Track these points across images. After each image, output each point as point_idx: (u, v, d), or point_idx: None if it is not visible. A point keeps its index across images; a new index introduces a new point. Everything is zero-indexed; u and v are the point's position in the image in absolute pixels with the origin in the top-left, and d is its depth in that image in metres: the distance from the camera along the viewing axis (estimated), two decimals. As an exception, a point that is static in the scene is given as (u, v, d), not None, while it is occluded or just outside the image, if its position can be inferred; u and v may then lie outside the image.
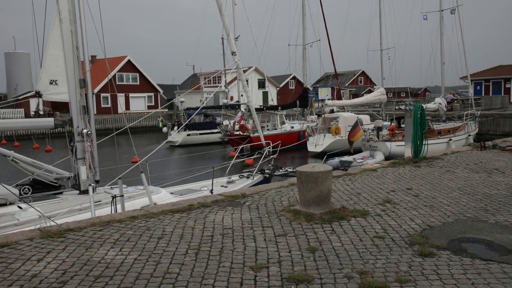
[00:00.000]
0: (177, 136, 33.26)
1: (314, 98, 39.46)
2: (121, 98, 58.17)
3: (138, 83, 60.12)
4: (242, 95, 63.08)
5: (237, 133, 28.60)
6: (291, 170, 12.15)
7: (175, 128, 33.44)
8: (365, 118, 29.75)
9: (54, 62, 8.20)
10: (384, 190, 7.31)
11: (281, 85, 68.25)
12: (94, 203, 7.67)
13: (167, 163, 22.16)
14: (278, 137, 29.43)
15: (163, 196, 8.97)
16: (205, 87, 62.58)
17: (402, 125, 26.61)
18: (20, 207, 7.03)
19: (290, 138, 29.42)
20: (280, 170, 11.93)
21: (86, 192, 8.27)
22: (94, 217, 5.63)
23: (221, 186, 10.60)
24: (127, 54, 58.98)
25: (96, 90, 55.41)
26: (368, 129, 23.87)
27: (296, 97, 34.45)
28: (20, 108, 49.38)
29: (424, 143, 10.11)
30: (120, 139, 42.55)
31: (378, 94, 29.63)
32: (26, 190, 8.15)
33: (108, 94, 56.87)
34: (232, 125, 29.80)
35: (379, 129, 22.97)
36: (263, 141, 12.28)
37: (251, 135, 28.09)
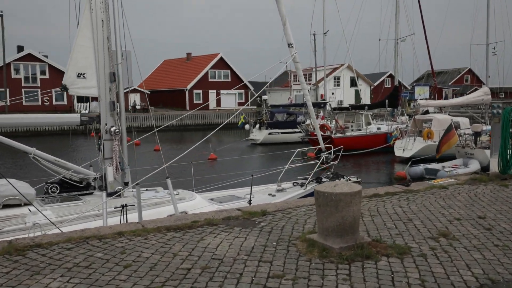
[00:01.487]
0: (258, 134, 32.72)
1: (406, 98, 36.49)
2: (212, 94, 59.48)
3: (229, 80, 60.94)
4: (333, 93, 61.17)
5: (318, 133, 27.17)
6: (354, 179, 10.67)
7: (257, 126, 32.92)
8: (464, 121, 26.58)
9: (82, 54, 7.78)
10: (447, 217, 5.71)
11: (375, 84, 64.83)
12: (117, 208, 7.09)
13: (239, 162, 21.56)
14: (362, 139, 27.62)
15: (197, 203, 8.16)
16: (294, 84, 61.67)
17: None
18: (30, 210, 6.65)
19: (376, 140, 27.35)
20: (341, 179, 10.51)
21: (113, 194, 7.74)
22: (75, 231, 4.92)
23: (269, 194, 9.53)
24: (220, 51, 59.91)
25: (189, 87, 57.21)
26: (465, 133, 21.07)
27: (386, 96, 32.01)
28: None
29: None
30: (200, 135, 43.28)
31: (480, 94, 26.28)
32: (54, 189, 7.85)
33: (200, 91, 58.43)
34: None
35: (477, 134, 20.14)
36: (322, 145, 10.95)
37: (333, 135, 26.54)
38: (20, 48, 49.56)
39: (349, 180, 10.61)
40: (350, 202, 4.40)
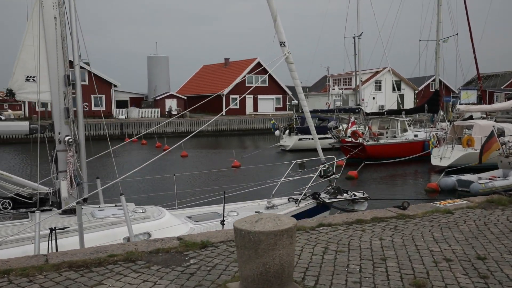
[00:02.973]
0: (289, 140, 31.57)
1: (449, 102, 34.12)
2: (249, 100, 58.84)
3: (267, 84, 60.09)
4: (373, 98, 58.88)
5: (349, 140, 25.68)
6: (360, 195, 9.36)
7: (287, 132, 31.78)
8: (510, 128, 24.29)
9: (31, 55, 7.02)
10: (435, 256, 4.45)
11: (420, 88, 61.85)
12: (63, 229, 6.27)
13: (257, 170, 20.50)
14: (396, 147, 25.78)
15: (165, 223, 7.21)
16: (339, 89, 59.92)
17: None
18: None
19: (412, 148, 25.46)
20: (343, 195, 9.24)
21: (69, 212, 6.93)
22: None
23: (256, 212, 8.44)
24: (257, 56, 59.24)
25: (225, 92, 56.86)
26: (509, 141, 18.98)
27: (426, 100, 29.94)
28: (157, 107, 53.00)
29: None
30: (235, 140, 42.52)
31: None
32: (6, 205, 7.15)
33: (237, 96, 57.91)
34: (344, 131, 26.93)
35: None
36: (322, 156, 9.70)
37: (365, 143, 24.95)
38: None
39: (354, 195, 9.33)
40: (275, 244, 3.29)
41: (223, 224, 7.03)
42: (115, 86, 51.55)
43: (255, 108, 58.85)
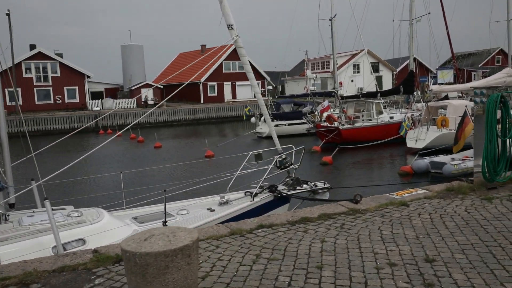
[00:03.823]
0: (264, 127, 30.95)
1: (425, 83, 33.86)
2: (227, 86, 57.99)
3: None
4: (352, 81, 58.52)
5: (324, 124, 25.20)
6: (321, 185, 8.83)
7: (262, 118, 31.16)
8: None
9: None
10: (378, 261, 3.93)
11: (398, 69, 61.67)
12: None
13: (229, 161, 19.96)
14: (372, 129, 25.41)
15: (103, 226, 6.59)
16: (312, 73, 59.35)
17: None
18: None
19: (388, 130, 25.11)
20: (303, 186, 8.70)
21: (-6, 219, 6.25)
22: None
23: (208, 209, 7.87)
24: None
25: (203, 79, 55.86)
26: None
27: (400, 81, 29.58)
28: (132, 97, 51.84)
29: (508, 155, 6.13)
30: (214, 129, 41.73)
31: (502, 76, 23.59)
32: None
33: (214, 83, 57.01)
34: (318, 116, 26.44)
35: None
36: (278, 146, 9.12)
37: (340, 127, 24.51)
38: (32, 47, 49.29)
39: (315, 186, 8.80)
40: (166, 267, 2.71)
41: (165, 225, 6.44)
42: (88, 77, 50.19)
43: (234, 95, 58.06)
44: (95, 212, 6.97)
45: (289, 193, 8.43)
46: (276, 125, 30.68)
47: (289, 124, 30.64)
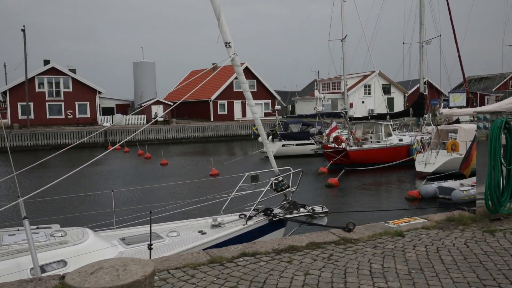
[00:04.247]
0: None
1: (436, 105, 33.40)
2: (237, 105, 58.07)
3: (255, 89, 59.32)
4: (363, 102, 58.19)
5: (332, 145, 24.87)
6: (319, 210, 8.48)
7: (270, 137, 30.93)
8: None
9: None
10: (363, 298, 3.59)
11: (410, 91, 61.27)
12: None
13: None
14: (381, 152, 24.99)
15: (86, 247, 6.32)
16: (323, 93, 59.22)
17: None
18: None
19: (397, 153, 24.68)
20: (300, 210, 8.37)
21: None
22: None
23: (199, 231, 7.57)
24: (245, 60, 58.51)
25: (213, 97, 56.06)
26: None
27: (411, 104, 29.22)
28: (143, 114, 52.13)
29: (513, 187, 5.76)
30: (223, 147, 41.50)
31: (515, 101, 23.16)
32: None
33: (225, 101, 57.15)
34: (326, 136, 26.13)
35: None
36: (275, 168, 8.81)
37: (348, 148, 24.14)
38: (46, 62, 50.04)
39: (313, 210, 8.46)
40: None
41: (150, 249, 6.16)
42: (99, 92, 50.68)
43: (244, 114, 58.06)
44: (80, 232, 6.71)
45: (285, 217, 8.10)
46: (283, 145, 30.49)
47: (297, 144, 30.35)
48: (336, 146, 24.50)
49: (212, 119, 55.90)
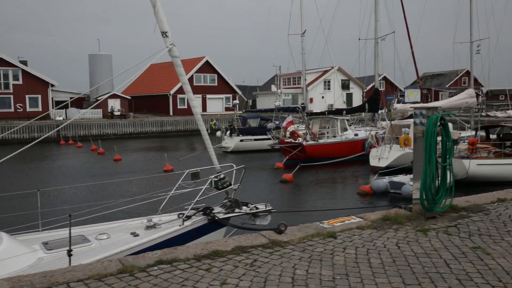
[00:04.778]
0: (230, 141, 30.37)
1: (392, 101, 33.98)
2: (197, 99, 57.20)
3: (216, 84, 58.69)
4: (323, 97, 58.68)
5: (289, 140, 24.76)
6: (263, 208, 8.18)
7: (228, 132, 30.57)
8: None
9: None
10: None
11: (368, 87, 62.27)
12: None
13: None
14: (336, 146, 25.11)
15: (0, 254, 5.76)
16: (284, 88, 59.32)
17: (493, 136, 20.75)
18: None
19: (353, 147, 24.86)
20: (243, 209, 8.04)
21: None
22: None
23: (131, 233, 7.12)
24: (206, 54, 57.69)
25: (172, 91, 55.01)
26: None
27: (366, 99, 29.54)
28: (99, 108, 50.50)
29: (448, 181, 5.65)
30: (182, 142, 40.67)
31: (464, 97, 23.78)
32: None
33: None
34: (283, 131, 26.00)
35: (453, 142, 17.59)
36: (216, 164, 8.45)
37: (304, 143, 24.08)
38: (-6, 54, 47.51)
39: (256, 208, 8.15)
40: None
41: (70, 256, 5.66)
42: (52, 85, 48.67)
43: (204, 108, 57.33)
44: None
45: (226, 216, 7.75)
46: (241, 140, 30.16)
47: (255, 140, 30.10)
48: (293, 141, 24.41)
49: (171, 113, 54.89)
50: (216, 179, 8.01)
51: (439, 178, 5.55)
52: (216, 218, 7.52)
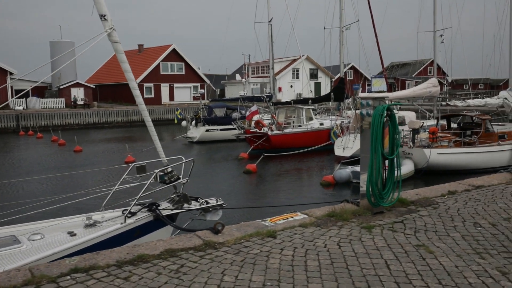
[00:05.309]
0: (196, 132, 29.79)
1: (358, 90, 34.07)
2: (165, 88, 56.14)
3: (183, 73, 57.64)
4: (291, 86, 58.55)
5: (254, 130, 24.41)
6: (214, 202, 7.81)
7: (193, 122, 29.97)
8: (410, 116, 24.33)
9: None
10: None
11: (336, 76, 62.44)
12: None
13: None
14: (302, 136, 24.95)
15: None
16: (252, 77, 58.87)
17: (453, 125, 21.00)
18: None
19: (318, 137, 24.73)
20: (193, 204, 7.65)
21: None
22: None
23: (68, 233, 6.64)
24: (173, 42, 56.43)
25: (139, 80, 53.67)
26: (402, 130, 18.59)
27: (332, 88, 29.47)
28: (61, 97, 48.87)
29: (395, 175, 5.41)
30: (143, 132, 39.72)
31: (427, 86, 23.84)
32: None
33: (151, 84, 54.98)
34: (247, 121, 25.62)
35: (414, 131, 17.68)
36: (163, 158, 8.01)
37: (269, 132, 23.80)
38: None
39: (207, 203, 7.78)
40: None
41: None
42: (11, 74, 46.66)
43: (171, 97, 56.31)
44: None
45: (172, 212, 7.34)
46: (207, 130, 29.63)
47: (221, 130, 29.63)
48: (258, 131, 24.08)
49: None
50: (161, 173, 7.57)
51: (386, 172, 5.31)
52: (160, 215, 7.10)
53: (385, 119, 5.17)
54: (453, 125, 20.71)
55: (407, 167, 15.92)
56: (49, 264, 3.98)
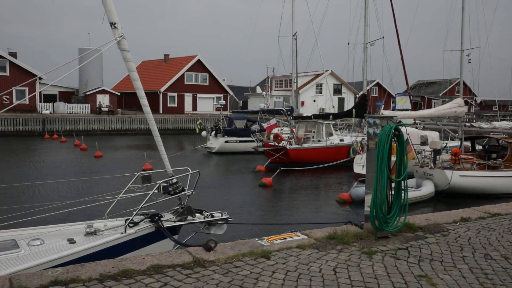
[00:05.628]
0: (215, 142, 29.79)
1: (381, 107, 33.57)
2: (188, 98, 56.65)
3: (207, 83, 58.09)
4: (314, 101, 58.24)
5: (272, 143, 24.22)
6: (219, 216, 7.63)
7: (213, 133, 30.00)
8: (433, 136, 23.67)
9: None
10: None
11: (361, 92, 61.79)
12: None
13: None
14: (321, 151, 24.61)
15: None
16: (276, 90, 58.87)
17: (478, 147, 20.33)
18: None
19: (338, 153, 24.35)
20: (197, 217, 7.49)
21: None
22: None
23: (68, 240, 6.54)
24: (199, 53, 57.07)
25: (163, 89, 54.40)
26: (423, 150, 18.11)
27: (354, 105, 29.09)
28: (87, 103, 49.80)
29: (402, 198, 5.12)
30: (170, 140, 39.87)
31: (453, 106, 23.26)
32: None
33: (175, 94, 55.56)
34: (266, 134, 25.47)
35: (436, 152, 17.15)
36: (169, 168, 7.88)
37: (288, 146, 23.56)
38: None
39: (211, 216, 7.60)
40: None
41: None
42: (40, 78, 47.89)
43: (194, 107, 56.75)
44: None
45: (174, 224, 7.19)
46: (226, 141, 29.58)
47: (240, 141, 29.54)
48: (276, 144, 23.88)
49: (161, 111, 54.25)
50: (165, 184, 7.44)
51: (392, 196, 5.03)
52: (162, 227, 6.95)
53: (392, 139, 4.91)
54: (478, 147, 20.04)
55: (427, 188, 15.44)
56: (31, 274, 3.86)
